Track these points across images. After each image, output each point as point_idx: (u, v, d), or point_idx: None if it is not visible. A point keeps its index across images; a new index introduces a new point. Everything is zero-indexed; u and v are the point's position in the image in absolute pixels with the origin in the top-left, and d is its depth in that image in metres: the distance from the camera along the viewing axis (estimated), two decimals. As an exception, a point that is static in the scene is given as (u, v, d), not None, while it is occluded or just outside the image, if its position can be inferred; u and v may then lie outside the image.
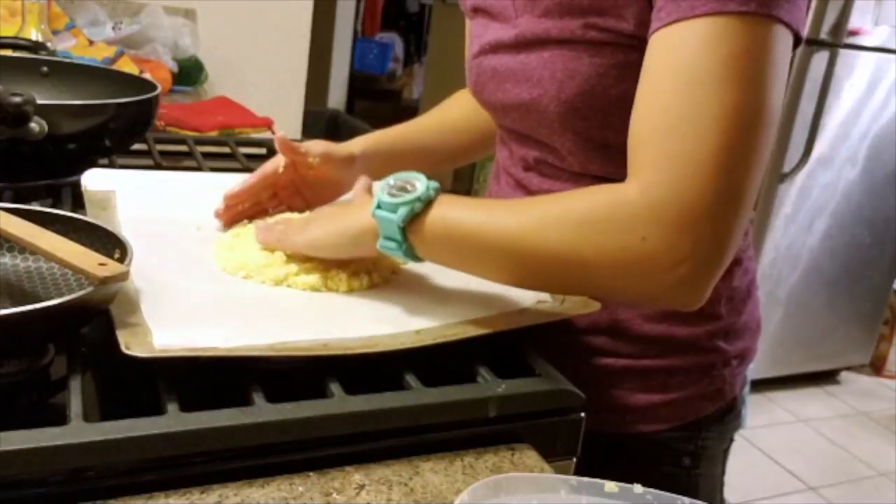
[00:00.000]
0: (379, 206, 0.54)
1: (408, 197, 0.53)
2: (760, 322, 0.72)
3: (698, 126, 0.48)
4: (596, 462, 0.52)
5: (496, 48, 0.64)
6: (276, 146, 0.70)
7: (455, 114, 0.84)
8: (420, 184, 0.54)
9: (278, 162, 0.71)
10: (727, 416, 0.69)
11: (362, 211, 0.56)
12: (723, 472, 0.73)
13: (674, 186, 0.48)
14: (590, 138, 0.60)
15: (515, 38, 0.62)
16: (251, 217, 0.71)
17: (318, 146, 0.72)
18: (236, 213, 0.71)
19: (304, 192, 0.74)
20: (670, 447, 0.67)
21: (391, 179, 0.56)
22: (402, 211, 0.53)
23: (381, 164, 0.74)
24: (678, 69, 0.49)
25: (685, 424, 0.67)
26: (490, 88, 0.66)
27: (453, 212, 0.54)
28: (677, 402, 0.66)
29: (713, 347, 0.66)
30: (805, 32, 0.53)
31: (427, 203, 0.54)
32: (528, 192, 0.67)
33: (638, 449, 0.66)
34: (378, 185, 0.56)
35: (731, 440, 0.72)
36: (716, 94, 0.48)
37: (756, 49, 0.48)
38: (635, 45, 0.55)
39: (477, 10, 0.68)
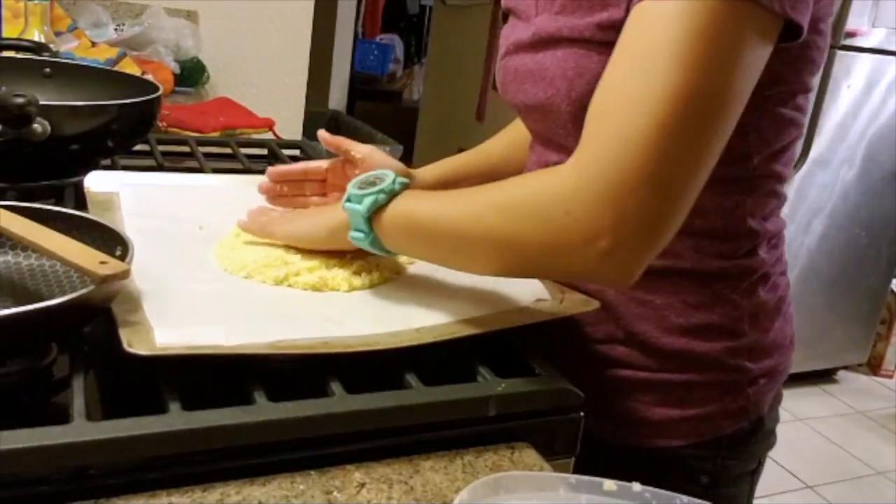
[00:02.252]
0: (349, 199, 0.57)
1: (372, 189, 0.56)
2: (793, 339, 0.69)
3: (638, 104, 0.47)
4: (611, 475, 0.52)
5: (518, 48, 0.65)
6: (321, 141, 0.73)
7: (522, 131, 0.80)
8: (388, 178, 0.57)
9: (323, 161, 0.75)
10: (753, 437, 0.66)
11: (338, 205, 0.59)
12: (751, 493, 0.70)
13: (601, 162, 0.47)
14: None
15: (533, 36, 0.62)
16: (292, 205, 0.74)
17: (365, 146, 0.74)
18: (277, 193, 0.74)
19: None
20: (688, 464, 0.65)
21: (363, 176, 0.59)
22: (367, 202, 0.56)
23: (440, 188, 0.74)
24: (635, 44, 0.48)
25: (704, 442, 0.64)
26: (512, 89, 0.66)
27: (413, 203, 0.56)
28: (696, 418, 0.64)
29: (736, 365, 0.63)
30: (807, 19, 0.50)
31: (391, 195, 0.56)
32: None
33: (654, 463, 0.64)
34: (350, 181, 0.59)
35: (761, 462, 0.69)
36: (662, 74, 0.46)
37: (718, 32, 0.46)
38: None
39: (509, 12, 0.70)
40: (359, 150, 0.73)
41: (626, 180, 0.47)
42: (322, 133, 0.73)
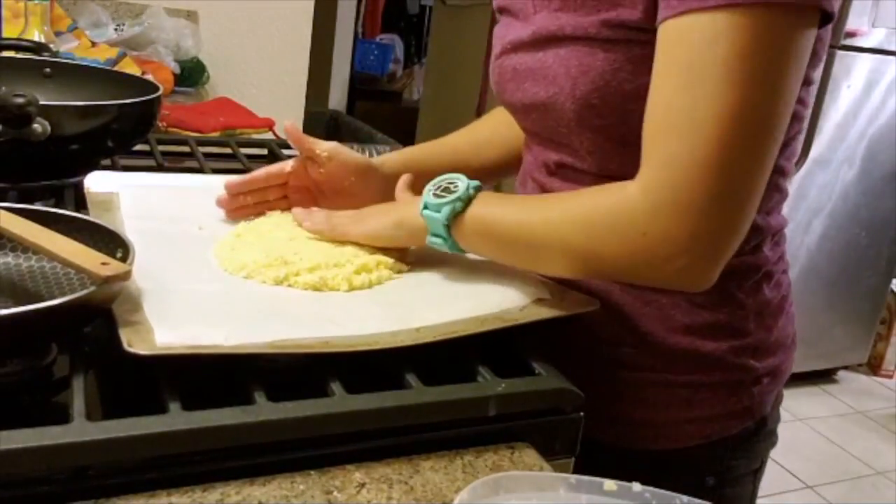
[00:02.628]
0: (426, 207, 0.60)
1: (450, 197, 0.59)
2: (795, 338, 0.69)
3: (698, 125, 0.49)
4: (616, 476, 0.51)
5: (516, 47, 0.64)
6: (285, 133, 0.71)
7: (487, 128, 0.83)
8: (461, 183, 0.60)
9: (285, 163, 0.73)
10: (757, 436, 0.66)
11: (412, 207, 0.62)
12: (754, 492, 0.70)
13: (671, 186, 0.50)
14: (608, 136, 0.59)
15: (533, 35, 0.61)
16: (255, 214, 0.71)
17: (328, 143, 0.72)
18: (239, 205, 0.72)
19: (319, 200, 0.73)
20: (693, 465, 0.65)
21: (436, 181, 0.61)
22: (446, 211, 0.58)
23: (416, 179, 0.73)
24: (682, 64, 0.50)
25: (710, 443, 0.64)
26: (510, 89, 0.66)
27: (489, 209, 0.59)
28: (702, 420, 0.64)
29: (740, 364, 0.64)
30: (838, 5, 0.51)
31: (467, 202, 0.59)
32: None
33: (659, 466, 0.64)
34: (426, 187, 0.61)
35: (763, 462, 0.69)
36: (717, 93, 0.48)
37: (764, 45, 0.48)
38: (648, 40, 0.54)
39: (502, 11, 0.68)
40: (322, 147, 0.71)
41: (696, 200, 0.50)
42: (288, 126, 0.71)
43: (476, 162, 0.80)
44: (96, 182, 0.71)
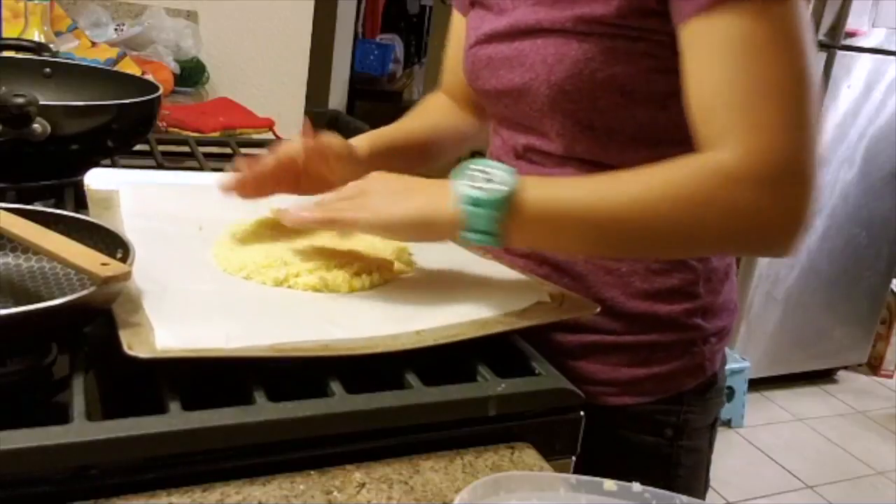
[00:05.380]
0: (467, 201, 0.54)
1: (497, 191, 0.53)
2: (737, 303, 0.75)
3: (773, 92, 0.53)
4: (585, 434, 0.54)
5: (490, 38, 0.68)
6: (302, 132, 0.68)
7: (437, 114, 0.86)
8: (500, 172, 0.54)
9: (295, 149, 0.67)
10: (709, 392, 0.72)
11: (440, 198, 0.55)
12: (710, 449, 0.75)
13: (774, 150, 0.53)
14: (577, 120, 0.63)
15: (510, 27, 0.65)
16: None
17: (336, 141, 0.70)
18: (251, 192, 0.66)
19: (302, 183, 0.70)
20: (654, 418, 0.70)
21: (469, 170, 0.55)
22: (498, 206, 0.53)
23: (382, 163, 0.73)
24: (733, 45, 0.53)
25: (668, 398, 0.69)
26: (485, 76, 0.69)
27: (548, 194, 0.55)
28: (660, 376, 0.69)
29: (693, 325, 0.69)
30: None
31: (516, 192, 0.54)
32: None
33: (623, 420, 0.69)
34: (456, 177, 0.55)
35: (717, 418, 0.75)
36: (777, 62, 0.53)
37: (795, 16, 0.54)
38: (619, 33, 0.59)
39: (474, 4, 0.73)
40: (336, 148, 0.69)
41: (801, 159, 0.53)
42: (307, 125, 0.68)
43: (433, 146, 0.83)
44: (96, 179, 0.71)
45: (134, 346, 0.45)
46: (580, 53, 0.60)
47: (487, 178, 0.54)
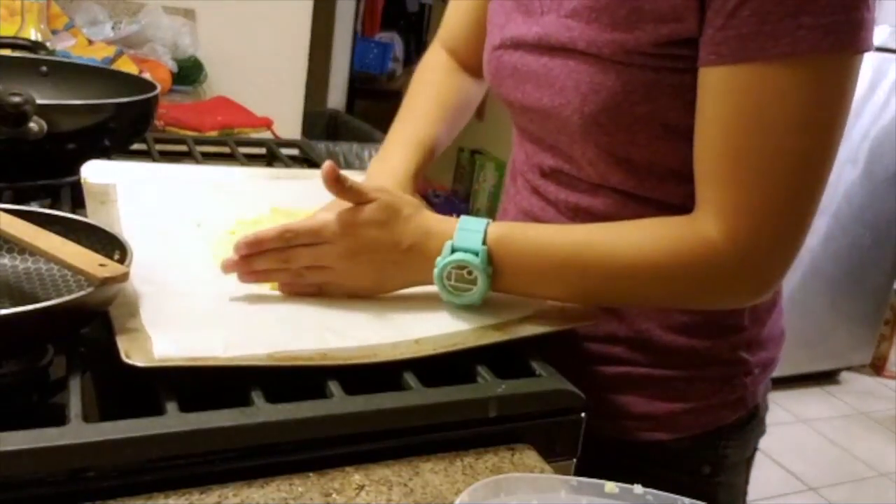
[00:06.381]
0: (448, 297, 0.56)
1: (473, 290, 0.56)
2: (784, 331, 0.72)
3: (777, 175, 0.51)
4: (615, 470, 0.50)
5: (517, 45, 0.62)
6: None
7: (444, 96, 0.78)
8: (477, 273, 0.55)
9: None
10: (749, 425, 0.68)
11: (425, 269, 0.56)
12: (746, 482, 0.71)
13: (761, 236, 0.53)
14: (612, 152, 0.58)
15: (539, 38, 0.59)
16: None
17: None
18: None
19: None
20: (690, 455, 0.66)
21: (445, 272, 0.55)
22: (479, 295, 0.56)
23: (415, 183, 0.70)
24: (751, 114, 0.50)
25: (706, 433, 0.65)
26: (508, 85, 0.63)
27: (524, 250, 0.56)
28: (697, 411, 0.65)
29: (736, 359, 0.65)
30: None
31: (490, 275, 0.56)
32: (546, 199, 0.66)
33: (657, 456, 0.65)
34: (434, 275, 0.56)
35: (755, 449, 0.71)
36: (789, 144, 0.50)
37: (829, 93, 0.50)
38: (664, 66, 0.54)
39: None
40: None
41: (783, 243, 0.53)
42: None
43: (447, 134, 0.77)
44: (93, 172, 0.70)
45: (132, 354, 0.45)
46: (619, 86, 0.54)
47: (465, 280, 0.55)
